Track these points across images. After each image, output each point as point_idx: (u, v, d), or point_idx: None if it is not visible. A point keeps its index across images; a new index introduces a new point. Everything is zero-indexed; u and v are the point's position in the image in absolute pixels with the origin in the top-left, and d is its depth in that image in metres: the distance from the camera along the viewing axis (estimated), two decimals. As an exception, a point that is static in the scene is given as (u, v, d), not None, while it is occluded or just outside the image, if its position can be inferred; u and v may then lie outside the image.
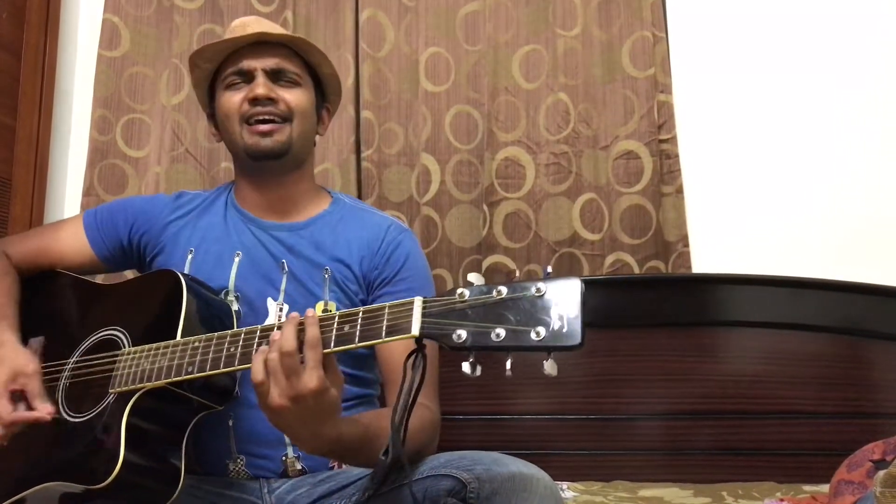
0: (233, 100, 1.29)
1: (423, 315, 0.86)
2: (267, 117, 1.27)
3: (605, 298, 1.87)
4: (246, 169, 1.34)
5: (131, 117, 2.13)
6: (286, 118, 1.28)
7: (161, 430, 1.11)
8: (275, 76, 1.29)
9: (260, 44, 1.30)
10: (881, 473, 1.22)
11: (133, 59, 2.15)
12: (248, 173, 1.34)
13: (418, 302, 0.87)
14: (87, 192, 2.07)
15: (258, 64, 1.28)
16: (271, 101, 1.27)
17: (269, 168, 1.30)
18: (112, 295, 1.29)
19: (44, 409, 1.12)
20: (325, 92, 1.39)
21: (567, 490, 1.64)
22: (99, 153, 2.09)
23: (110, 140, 2.11)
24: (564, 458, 1.83)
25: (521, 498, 0.96)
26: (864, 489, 1.32)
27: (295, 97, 1.29)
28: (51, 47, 2.19)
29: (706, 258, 1.98)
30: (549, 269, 0.85)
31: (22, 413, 1.13)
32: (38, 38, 2.15)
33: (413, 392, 0.91)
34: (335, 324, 0.92)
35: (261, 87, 1.26)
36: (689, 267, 1.96)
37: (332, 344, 0.91)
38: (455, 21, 2.10)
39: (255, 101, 1.26)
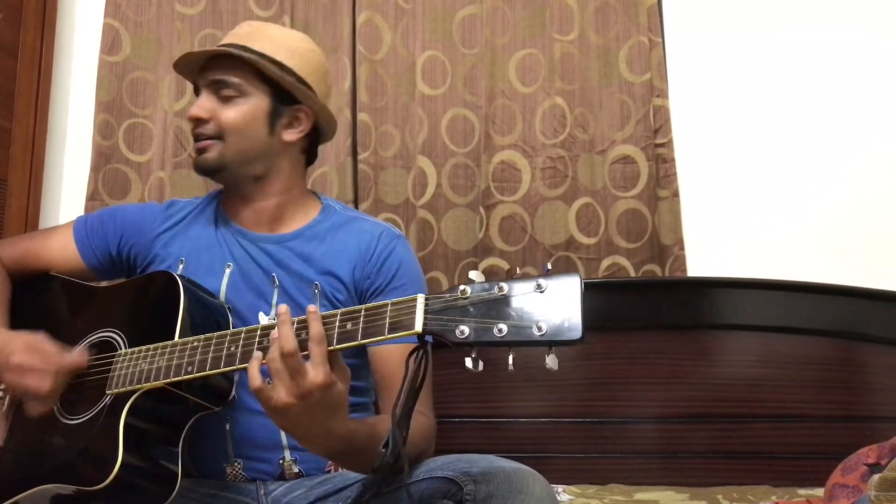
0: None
1: (426, 312, 0.86)
2: (201, 136, 1.28)
3: (601, 302, 1.88)
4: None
5: (133, 122, 2.13)
6: (219, 136, 1.26)
7: (158, 431, 1.11)
8: (217, 90, 1.28)
9: (214, 57, 1.29)
10: (876, 477, 1.22)
11: (134, 63, 2.15)
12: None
13: (421, 299, 0.87)
14: (92, 196, 2.07)
15: (201, 80, 1.30)
16: (202, 121, 1.26)
17: (224, 182, 1.32)
18: (107, 297, 1.29)
19: (81, 357, 1.13)
20: (290, 93, 1.28)
21: (563, 493, 1.64)
22: (103, 157, 2.09)
23: (113, 144, 2.11)
24: (560, 462, 1.84)
25: (516, 499, 0.95)
26: (859, 493, 1.32)
27: (228, 114, 1.26)
28: (47, 48, 2.19)
29: (702, 262, 1.99)
30: (549, 265, 0.86)
31: (70, 358, 1.13)
32: (34, 39, 2.15)
33: (417, 388, 0.91)
34: (337, 321, 0.92)
35: (194, 107, 1.28)
36: (685, 270, 1.96)
37: (335, 341, 0.91)
38: (452, 24, 2.10)
39: (191, 120, 1.29)
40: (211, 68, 1.28)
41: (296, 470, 1.21)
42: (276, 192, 1.31)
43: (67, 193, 2.19)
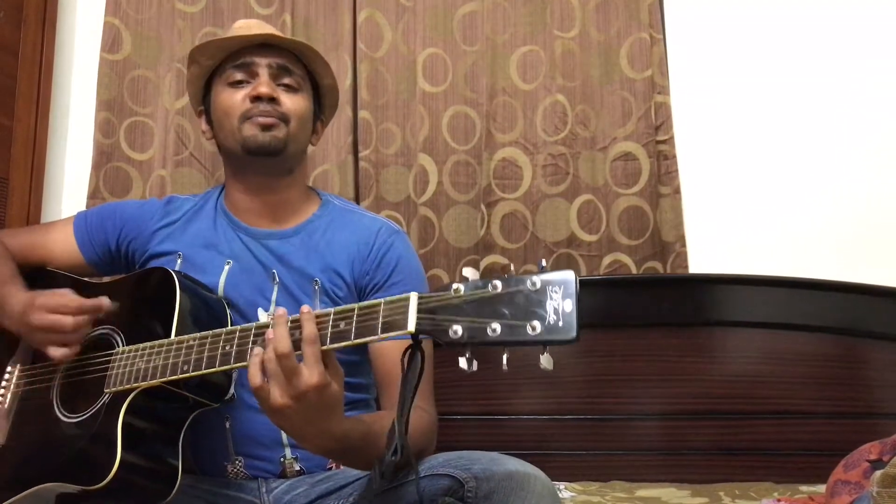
0: (234, 97, 1.26)
1: (419, 311, 0.85)
2: (269, 113, 1.25)
3: (602, 299, 1.88)
4: (238, 169, 1.31)
5: (134, 120, 2.13)
6: (285, 120, 1.26)
7: (157, 429, 1.11)
8: (278, 76, 1.27)
9: (265, 45, 1.29)
10: (878, 473, 1.22)
11: (135, 62, 2.15)
12: (240, 174, 1.31)
13: (413, 298, 0.86)
14: (93, 194, 2.07)
15: (263, 60, 1.27)
16: (273, 100, 1.25)
17: (262, 166, 1.28)
18: (104, 293, 1.27)
19: (101, 300, 1.13)
20: (322, 103, 1.38)
21: (564, 490, 1.64)
22: (104, 156, 2.09)
23: (114, 143, 2.11)
24: (562, 458, 1.83)
25: (518, 497, 0.95)
26: (861, 489, 1.32)
27: (294, 102, 1.27)
28: (48, 47, 2.18)
29: (703, 258, 1.99)
30: (544, 263, 0.84)
31: (90, 301, 1.13)
32: (35, 38, 2.15)
33: (413, 387, 0.91)
34: (331, 321, 0.91)
35: (264, 85, 1.25)
36: (687, 267, 1.96)
37: (328, 341, 0.91)
38: (453, 21, 2.10)
39: (257, 98, 1.24)
40: (265, 54, 1.27)
41: (297, 468, 1.21)
42: (287, 188, 1.32)
43: (68, 192, 2.19)
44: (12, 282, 1.24)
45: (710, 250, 2.00)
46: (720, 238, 2.01)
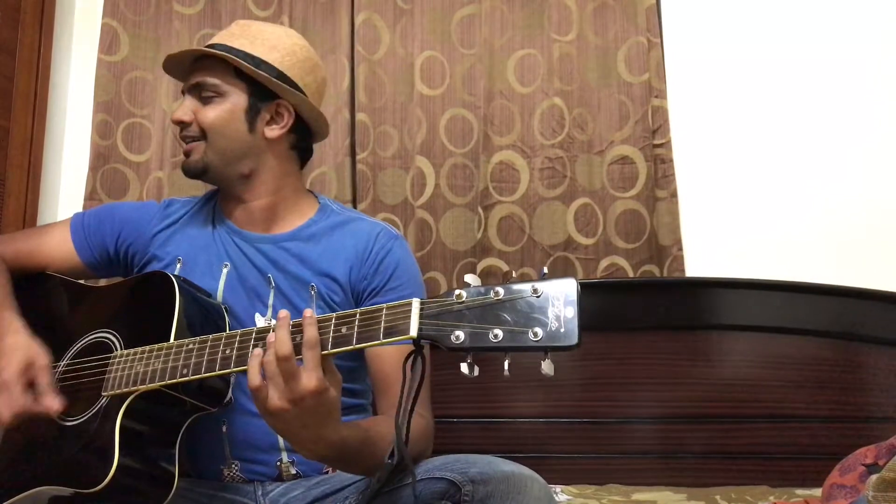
0: None
1: (421, 316, 0.86)
2: (186, 138, 1.28)
3: (599, 302, 1.88)
4: None
5: (132, 122, 2.13)
6: (201, 137, 1.26)
7: (155, 433, 1.11)
8: (198, 93, 1.27)
9: (197, 59, 1.30)
10: (873, 477, 1.23)
11: (133, 63, 2.15)
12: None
13: (416, 303, 0.87)
14: (90, 196, 2.07)
15: (185, 83, 1.30)
16: (185, 123, 1.26)
17: (211, 183, 1.32)
18: (103, 297, 1.28)
19: (53, 404, 1.10)
20: (269, 89, 1.27)
21: (561, 493, 1.65)
22: (101, 158, 2.09)
23: (111, 144, 2.11)
24: (559, 462, 1.84)
25: (514, 500, 0.96)
26: (857, 493, 1.32)
27: (207, 115, 1.25)
28: (46, 48, 2.19)
29: (700, 262, 1.99)
30: (546, 270, 0.85)
31: (32, 404, 1.10)
32: (33, 39, 2.15)
33: (414, 393, 0.91)
34: (332, 325, 0.92)
35: (177, 110, 1.28)
36: (683, 271, 1.96)
37: (330, 346, 0.91)
38: (450, 24, 2.10)
39: (175, 123, 1.29)
40: (194, 70, 1.29)
41: (293, 471, 1.21)
42: (266, 192, 1.30)
43: (65, 193, 2.19)
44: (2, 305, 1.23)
45: (706, 254, 2.00)
46: (717, 242, 2.01)
